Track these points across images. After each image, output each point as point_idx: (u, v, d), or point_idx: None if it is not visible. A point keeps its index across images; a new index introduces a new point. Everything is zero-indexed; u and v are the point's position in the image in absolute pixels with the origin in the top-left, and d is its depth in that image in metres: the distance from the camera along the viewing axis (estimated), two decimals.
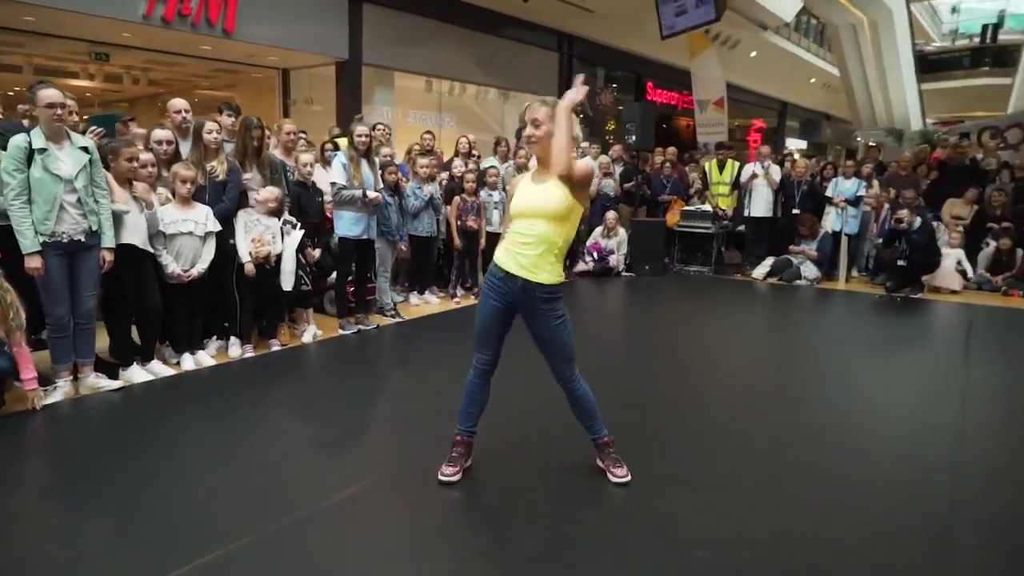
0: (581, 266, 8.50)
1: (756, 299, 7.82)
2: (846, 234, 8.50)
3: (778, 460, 3.28)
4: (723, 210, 9.13)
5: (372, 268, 5.87)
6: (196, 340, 4.63)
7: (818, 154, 14.34)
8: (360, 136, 5.29)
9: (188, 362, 4.51)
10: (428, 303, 6.71)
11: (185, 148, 4.77)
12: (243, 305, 4.82)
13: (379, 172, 5.62)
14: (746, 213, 8.98)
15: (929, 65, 23.61)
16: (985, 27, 26.32)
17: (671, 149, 10.06)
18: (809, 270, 8.39)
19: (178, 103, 4.95)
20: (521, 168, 7.49)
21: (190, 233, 4.42)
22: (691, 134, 15.88)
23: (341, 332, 5.47)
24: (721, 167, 9.25)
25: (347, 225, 5.33)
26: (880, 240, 8.18)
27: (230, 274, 4.75)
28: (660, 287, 8.17)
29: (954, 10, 34.08)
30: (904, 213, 7.53)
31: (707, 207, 9.04)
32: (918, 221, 7.54)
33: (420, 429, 3.54)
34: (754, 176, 8.75)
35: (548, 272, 2.70)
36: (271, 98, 11.66)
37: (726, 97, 12.51)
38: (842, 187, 8.52)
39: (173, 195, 4.45)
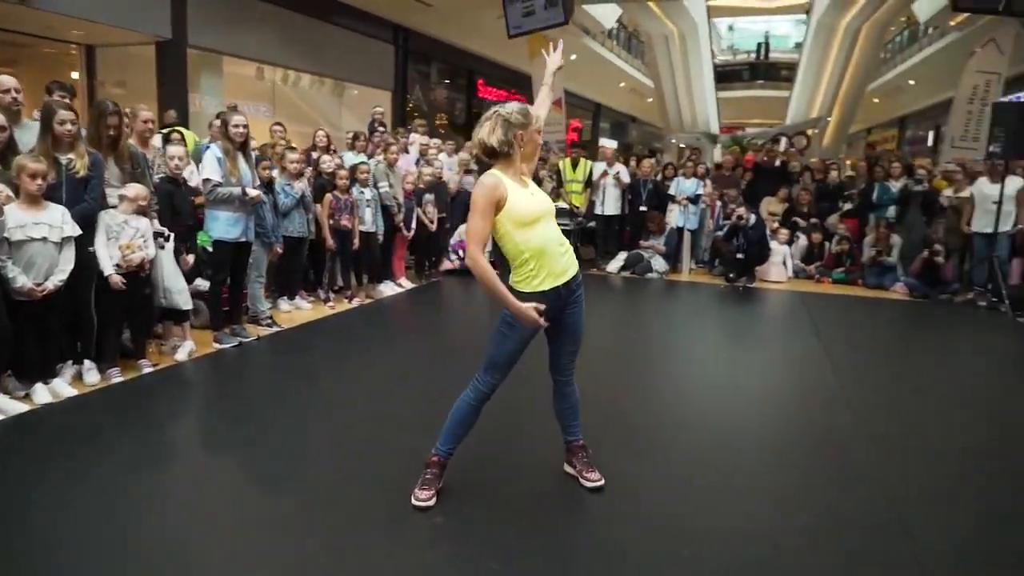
0: (447, 264, 8.37)
1: (615, 292, 8.21)
2: (688, 229, 9.21)
3: (692, 441, 3.46)
4: (577, 207, 9.47)
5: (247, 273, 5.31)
6: (51, 366, 3.88)
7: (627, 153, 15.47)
8: (237, 127, 4.74)
9: (42, 394, 3.75)
10: (300, 309, 6.21)
11: (25, 136, 3.95)
12: (104, 322, 4.12)
13: (255, 168, 5.09)
14: (598, 211, 9.41)
15: (717, 76, 26.45)
16: (759, 44, 29.96)
17: None
18: (659, 263, 8.98)
19: (6, 80, 4.09)
20: (392, 164, 7.22)
21: (43, 239, 3.68)
22: None
23: (219, 346, 4.87)
24: (574, 165, 9.58)
25: (224, 227, 4.76)
26: (719, 234, 8.98)
27: (87, 287, 4.04)
28: None
29: (731, 28, 38.39)
30: (743, 211, 8.33)
31: (563, 204, 9.32)
32: (753, 218, 8.37)
33: (368, 448, 3.26)
34: (605, 175, 9.19)
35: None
36: (64, 79, 10.07)
37: (563, 98, 12.97)
38: (683, 186, 9.22)
39: (16, 193, 3.68)
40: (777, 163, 10.70)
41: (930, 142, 23.22)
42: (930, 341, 6.52)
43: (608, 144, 9.55)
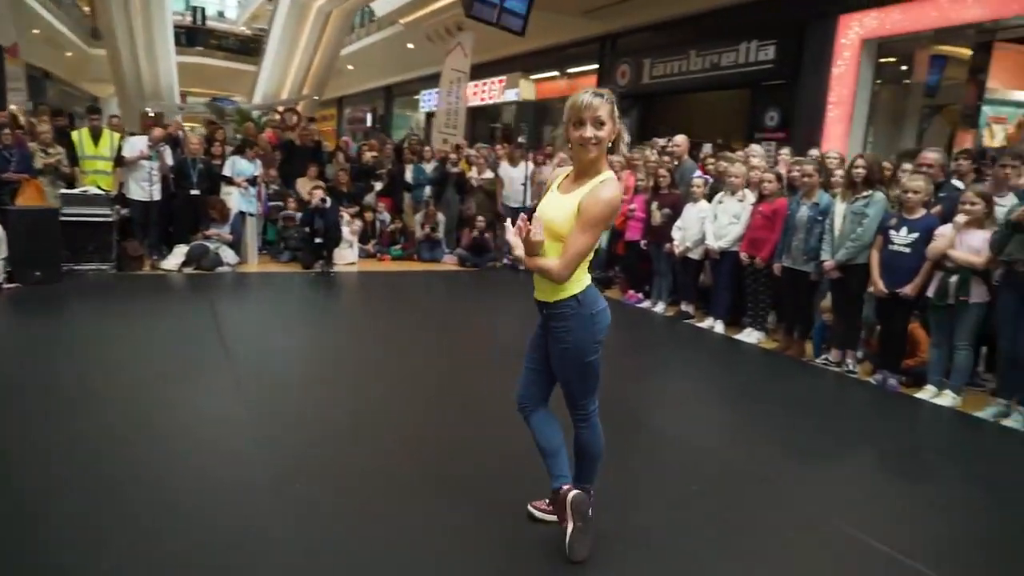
0: None
1: (182, 294, 6.90)
2: (249, 214, 8.35)
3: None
4: (105, 191, 7.50)
5: None
6: None
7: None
8: None
9: None
10: None
11: None
12: None
13: None
14: (135, 196, 7.67)
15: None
16: (194, 8, 28.08)
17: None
18: (228, 255, 7.90)
19: None
20: None
21: None
22: None
23: None
24: (96, 137, 7.53)
25: None
26: (287, 215, 8.45)
27: None
28: (55, 299, 6.12)
29: None
30: (321, 192, 8.03)
31: (94, 189, 7.27)
32: (329, 201, 8.15)
33: None
34: (143, 156, 7.53)
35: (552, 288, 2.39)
36: None
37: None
38: (240, 166, 8.27)
39: None
40: (312, 142, 10.54)
41: (368, 122, 26.14)
42: (494, 300, 7.75)
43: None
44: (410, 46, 19.83)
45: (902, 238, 4.71)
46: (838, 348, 5.25)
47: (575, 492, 2.47)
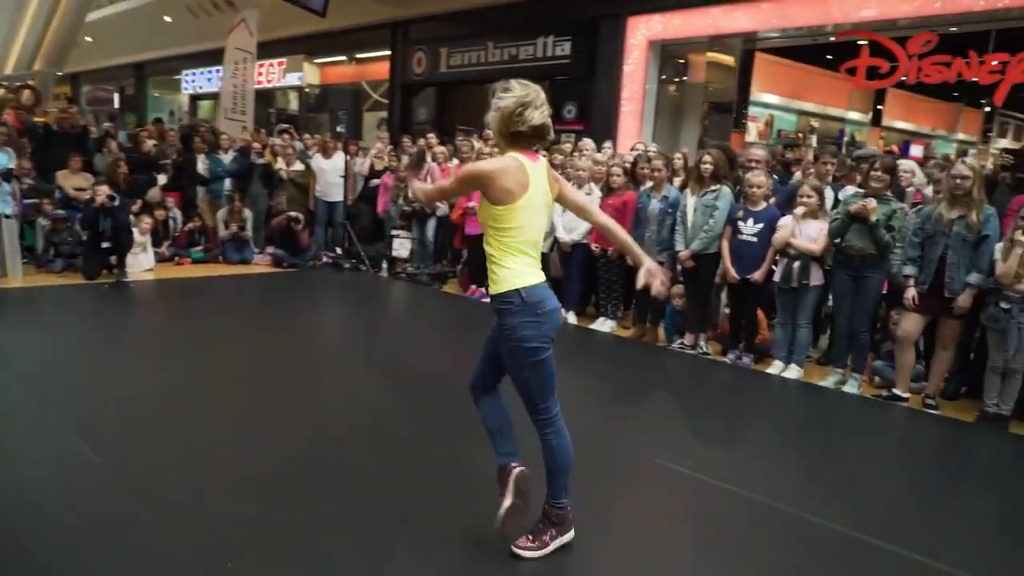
0: None
1: None
2: (5, 216, 6.76)
3: None
4: None
5: None
6: None
7: None
8: None
9: None
10: None
11: None
12: None
13: None
14: None
15: None
16: None
17: None
18: None
19: None
20: None
21: None
22: None
23: None
24: None
25: None
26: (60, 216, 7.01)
27: None
28: None
29: None
30: (106, 188, 6.75)
31: None
32: (118, 198, 6.89)
33: None
34: None
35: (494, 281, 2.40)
36: None
37: None
38: None
39: None
40: (77, 127, 8.86)
41: (116, 104, 22.84)
42: (323, 302, 7.25)
43: None
44: (167, 19, 17.58)
45: (749, 228, 5.16)
46: (691, 332, 5.63)
47: (521, 470, 2.47)
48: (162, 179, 8.79)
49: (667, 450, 3.60)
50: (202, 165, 8.86)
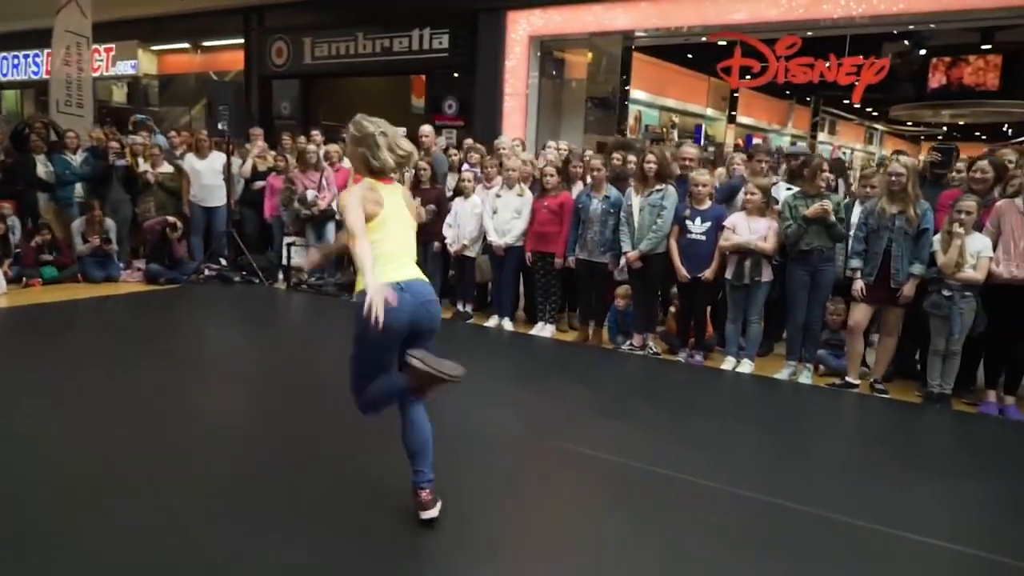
0: None
1: None
2: None
3: None
4: None
5: None
6: None
7: None
8: None
9: None
10: None
11: None
12: None
13: None
14: None
15: None
16: None
17: None
18: None
19: None
20: None
21: None
22: None
23: None
24: None
25: None
26: None
27: None
28: None
29: None
30: None
31: None
32: None
33: None
34: None
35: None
36: None
37: None
38: None
39: None
40: None
41: None
42: (217, 322, 6.49)
43: None
44: None
45: (697, 227, 5.19)
46: (639, 332, 5.59)
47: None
48: None
49: (641, 452, 3.48)
50: (43, 168, 7.54)
